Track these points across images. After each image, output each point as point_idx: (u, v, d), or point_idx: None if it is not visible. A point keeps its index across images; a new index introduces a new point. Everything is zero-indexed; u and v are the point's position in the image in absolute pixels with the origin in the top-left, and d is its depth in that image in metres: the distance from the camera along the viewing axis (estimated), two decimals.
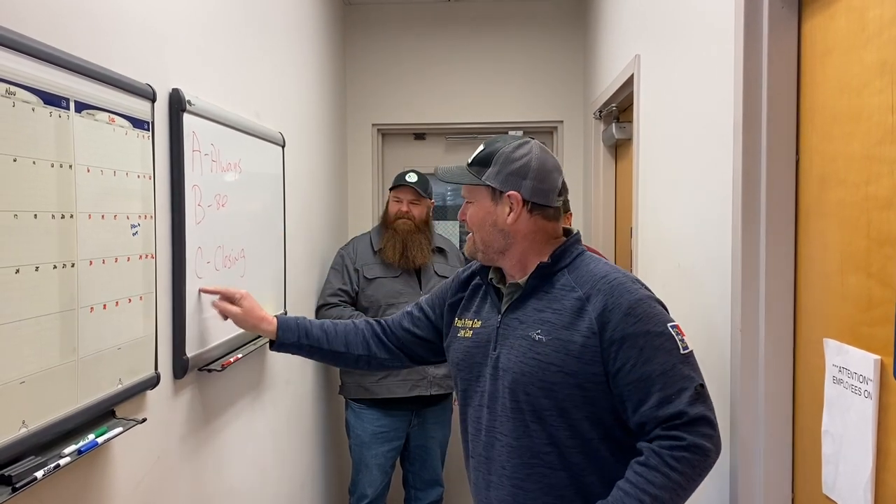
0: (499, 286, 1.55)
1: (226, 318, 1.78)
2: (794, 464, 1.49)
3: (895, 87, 1.11)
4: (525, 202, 1.47)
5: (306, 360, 2.93)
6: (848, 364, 1.22)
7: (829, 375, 1.28)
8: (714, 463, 1.34)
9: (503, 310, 1.52)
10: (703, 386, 1.36)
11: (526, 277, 1.50)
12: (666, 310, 1.45)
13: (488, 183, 1.48)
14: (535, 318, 1.46)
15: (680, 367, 1.35)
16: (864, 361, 1.17)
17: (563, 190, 1.52)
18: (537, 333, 1.44)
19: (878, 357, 1.14)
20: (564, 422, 1.41)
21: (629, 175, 2.88)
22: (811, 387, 1.41)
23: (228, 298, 1.78)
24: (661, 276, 2.28)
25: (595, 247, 3.36)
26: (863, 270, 1.20)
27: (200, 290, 1.74)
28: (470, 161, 1.54)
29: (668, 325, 1.39)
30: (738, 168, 1.52)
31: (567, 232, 1.57)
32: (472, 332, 1.57)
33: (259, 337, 2.19)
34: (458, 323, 1.61)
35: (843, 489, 1.24)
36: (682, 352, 1.37)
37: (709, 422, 1.33)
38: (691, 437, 1.30)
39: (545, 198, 1.49)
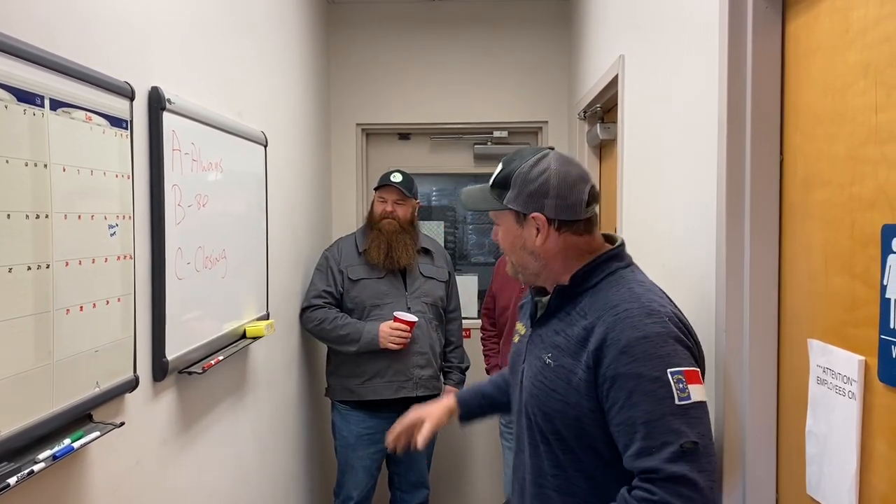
0: (537, 299, 1.50)
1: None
2: (778, 464, 1.49)
3: (879, 88, 1.11)
4: (551, 221, 1.39)
5: (288, 361, 2.91)
6: (832, 365, 1.22)
7: (814, 376, 1.28)
8: None
9: (535, 322, 1.49)
10: (695, 444, 1.21)
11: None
12: (690, 350, 1.31)
13: (510, 207, 1.41)
14: (551, 341, 1.41)
15: (669, 418, 1.22)
16: (848, 362, 1.17)
17: (592, 199, 1.41)
18: (548, 357, 1.39)
19: (863, 358, 1.14)
20: (563, 447, 1.37)
21: (614, 175, 2.88)
22: (795, 387, 1.40)
23: (410, 428, 1.80)
24: None
25: None
26: (847, 271, 1.20)
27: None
28: (491, 183, 1.46)
29: (669, 370, 1.24)
30: (722, 168, 1.52)
31: (610, 239, 1.49)
32: (518, 337, 1.56)
33: (241, 338, 2.17)
34: (517, 325, 1.61)
35: (828, 490, 1.23)
36: (676, 402, 1.22)
37: (690, 483, 1.19)
38: (662, 494, 1.19)
39: (572, 213, 1.39)
